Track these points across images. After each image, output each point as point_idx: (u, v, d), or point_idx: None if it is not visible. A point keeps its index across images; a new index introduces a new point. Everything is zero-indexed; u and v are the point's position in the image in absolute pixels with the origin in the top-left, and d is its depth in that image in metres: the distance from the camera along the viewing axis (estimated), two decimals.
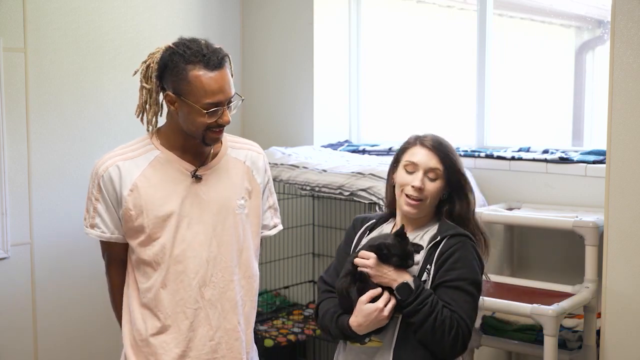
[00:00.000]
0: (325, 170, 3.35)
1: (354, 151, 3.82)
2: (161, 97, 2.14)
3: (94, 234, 2.15)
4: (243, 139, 2.32)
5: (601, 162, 3.03)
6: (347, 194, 3.21)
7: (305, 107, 4.08)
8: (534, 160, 3.25)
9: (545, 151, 3.33)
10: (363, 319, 1.99)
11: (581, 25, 3.78)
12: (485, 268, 2.15)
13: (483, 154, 3.43)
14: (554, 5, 3.87)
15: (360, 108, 4.19)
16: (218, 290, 2.15)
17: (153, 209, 2.09)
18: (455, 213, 2.10)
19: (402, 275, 1.99)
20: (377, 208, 3.09)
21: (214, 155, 2.18)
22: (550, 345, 2.61)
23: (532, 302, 2.68)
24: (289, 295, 4.13)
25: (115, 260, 2.22)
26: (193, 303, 2.12)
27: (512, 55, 3.82)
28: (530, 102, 3.82)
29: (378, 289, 2.00)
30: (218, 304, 2.15)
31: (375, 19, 4.17)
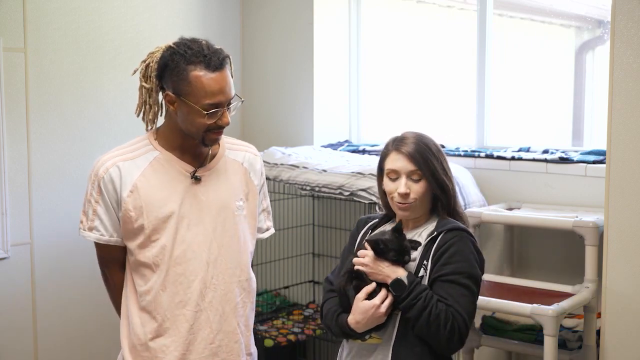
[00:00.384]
0: (325, 170, 3.35)
1: (354, 151, 3.82)
2: (161, 97, 2.12)
3: (93, 237, 2.12)
4: (240, 141, 2.31)
5: (601, 162, 3.03)
6: (347, 194, 3.21)
7: (305, 107, 4.08)
8: (534, 160, 3.25)
9: (545, 151, 3.33)
10: (360, 316, 2.00)
11: (581, 25, 3.77)
12: (485, 268, 2.15)
13: (483, 154, 3.43)
14: (554, 5, 3.87)
15: (360, 108, 4.19)
16: (219, 292, 2.13)
17: (153, 210, 2.07)
18: (448, 207, 2.11)
19: (396, 272, 2.00)
20: (377, 208, 3.08)
21: (213, 156, 2.17)
22: (550, 345, 2.61)
23: (532, 302, 2.68)
24: (289, 295, 4.13)
25: (113, 262, 2.19)
26: (194, 305, 2.10)
27: (512, 55, 3.82)
28: (530, 102, 3.81)
29: (372, 284, 2.01)
30: (219, 306, 2.13)
31: (375, 19, 4.17)
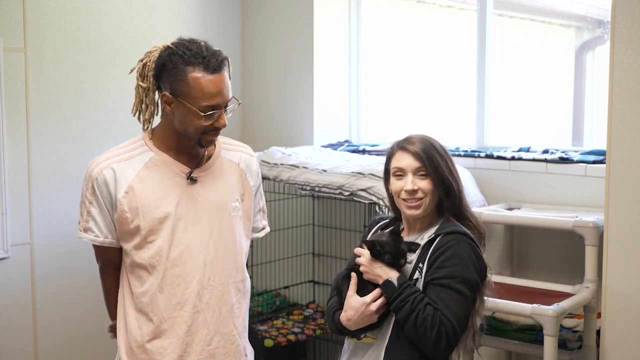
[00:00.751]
0: (325, 170, 3.35)
1: (354, 151, 3.82)
2: (157, 97, 2.11)
3: (87, 238, 2.11)
4: (235, 141, 2.29)
5: (601, 162, 3.03)
6: (347, 194, 3.21)
7: (305, 107, 4.08)
8: (534, 160, 3.25)
9: (545, 151, 3.33)
10: (351, 312, 2.01)
11: (581, 25, 3.77)
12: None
13: (483, 154, 3.43)
14: (554, 5, 3.87)
15: (360, 108, 4.19)
16: (215, 293, 2.13)
17: (149, 210, 2.06)
18: (450, 209, 2.09)
19: (388, 273, 1.99)
20: (377, 208, 3.08)
21: (209, 157, 2.16)
22: (550, 345, 2.61)
23: (532, 302, 2.68)
24: (289, 295, 4.13)
25: (108, 265, 2.19)
26: (191, 307, 2.10)
27: (512, 55, 3.82)
28: (530, 102, 3.81)
29: (354, 278, 2.02)
30: (216, 307, 2.13)
31: (375, 19, 4.17)
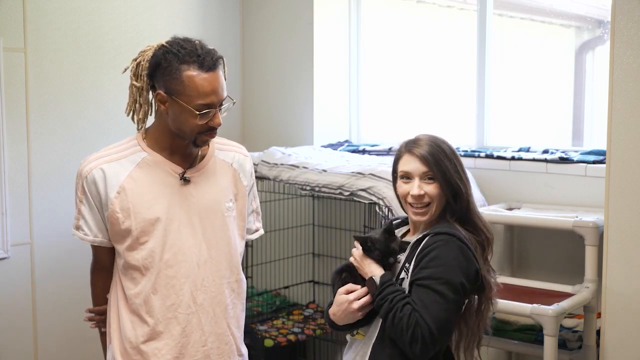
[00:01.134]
0: (325, 170, 3.35)
1: (354, 151, 3.82)
2: (151, 96, 2.10)
3: (78, 236, 2.11)
4: (229, 141, 2.28)
5: (601, 162, 3.03)
6: (347, 194, 3.21)
7: (305, 107, 4.08)
8: (534, 160, 3.25)
9: (545, 151, 3.33)
10: (336, 308, 2.03)
11: (581, 25, 3.77)
12: None
13: (483, 154, 3.43)
14: (554, 5, 3.87)
15: (360, 108, 4.19)
16: (209, 294, 2.12)
17: (141, 211, 2.05)
18: (455, 213, 2.06)
19: (374, 270, 2.00)
20: (377, 208, 3.08)
21: (202, 157, 2.15)
22: (550, 345, 2.61)
23: (532, 302, 2.68)
24: (289, 295, 4.13)
25: (97, 264, 2.19)
26: (185, 308, 2.09)
27: (512, 55, 3.82)
28: (530, 102, 3.81)
29: (356, 286, 2.03)
30: (210, 308, 2.13)
31: (375, 19, 4.17)
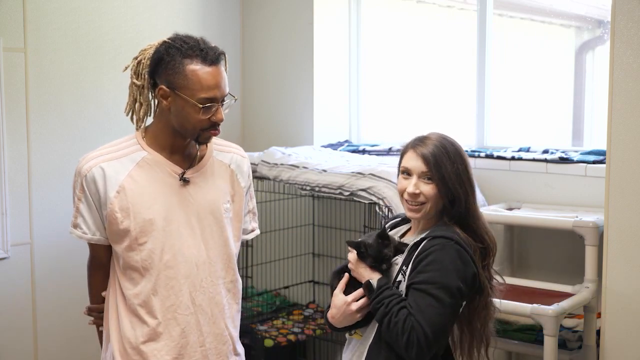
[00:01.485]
0: (325, 170, 3.35)
1: (354, 151, 3.82)
2: (151, 96, 2.09)
3: (76, 234, 2.10)
4: (227, 142, 2.27)
5: (601, 162, 3.03)
6: (347, 194, 3.21)
7: (305, 107, 4.08)
8: (534, 160, 3.25)
9: (545, 151, 3.33)
10: (334, 310, 2.03)
11: (581, 25, 3.77)
12: None
13: (483, 154, 3.43)
14: (554, 5, 3.87)
15: (360, 108, 4.19)
16: (208, 295, 2.12)
17: (141, 211, 2.04)
18: (453, 217, 2.03)
19: (372, 274, 2.00)
20: (377, 208, 3.08)
21: (201, 157, 2.14)
22: (550, 345, 2.61)
23: (532, 302, 2.68)
24: (289, 295, 4.13)
25: (95, 261, 2.19)
26: (184, 309, 2.09)
27: (512, 55, 3.82)
28: (530, 102, 3.81)
29: (346, 276, 2.04)
30: (208, 309, 2.13)
31: (375, 19, 4.17)
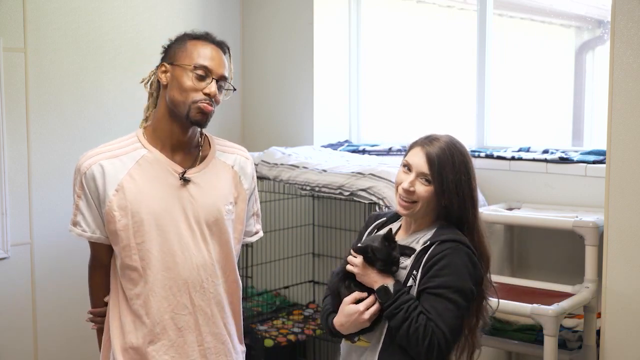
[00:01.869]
0: (325, 170, 3.35)
1: (354, 151, 3.82)
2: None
3: (75, 231, 2.10)
4: (231, 143, 2.27)
5: (601, 162, 3.03)
6: (347, 194, 3.21)
7: (305, 107, 4.08)
8: (534, 160, 3.25)
9: (545, 151, 3.33)
10: (344, 319, 2.00)
11: (581, 25, 3.77)
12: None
13: (483, 154, 3.43)
14: (554, 5, 3.87)
15: (360, 108, 4.19)
16: (207, 295, 2.12)
17: (139, 210, 2.04)
18: (452, 221, 2.03)
19: (384, 278, 1.96)
20: (377, 208, 3.08)
21: (203, 157, 2.15)
22: (550, 345, 2.61)
23: (532, 302, 2.68)
24: (289, 295, 4.13)
25: (96, 261, 2.19)
26: (183, 309, 2.09)
27: (512, 55, 3.82)
28: (530, 102, 3.81)
29: (363, 293, 1.99)
30: (208, 309, 2.13)
31: (375, 19, 4.17)
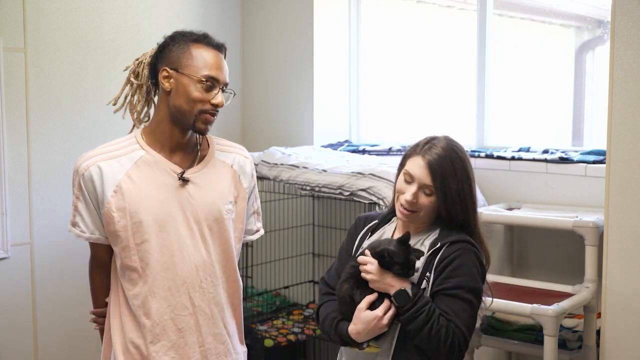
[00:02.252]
0: (325, 170, 3.35)
1: (354, 151, 3.82)
2: (152, 94, 2.16)
3: (74, 232, 2.10)
4: (229, 142, 2.27)
5: (601, 162, 3.03)
6: (347, 194, 3.21)
7: (305, 107, 4.08)
8: (534, 160, 3.25)
9: (545, 151, 3.33)
10: (362, 326, 1.96)
11: (581, 25, 3.77)
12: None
13: (483, 154, 3.43)
14: (554, 5, 3.87)
15: (360, 108, 4.19)
16: (207, 296, 2.12)
17: (137, 211, 2.04)
18: (453, 224, 2.03)
19: (401, 282, 1.95)
20: (377, 208, 3.08)
21: (202, 157, 2.14)
22: (550, 345, 2.61)
23: (532, 302, 2.69)
24: (289, 295, 4.13)
25: (96, 261, 2.19)
26: (183, 309, 2.09)
27: (512, 55, 3.82)
28: (530, 102, 3.82)
29: (374, 294, 1.98)
30: (207, 309, 2.12)
31: (375, 19, 4.17)
